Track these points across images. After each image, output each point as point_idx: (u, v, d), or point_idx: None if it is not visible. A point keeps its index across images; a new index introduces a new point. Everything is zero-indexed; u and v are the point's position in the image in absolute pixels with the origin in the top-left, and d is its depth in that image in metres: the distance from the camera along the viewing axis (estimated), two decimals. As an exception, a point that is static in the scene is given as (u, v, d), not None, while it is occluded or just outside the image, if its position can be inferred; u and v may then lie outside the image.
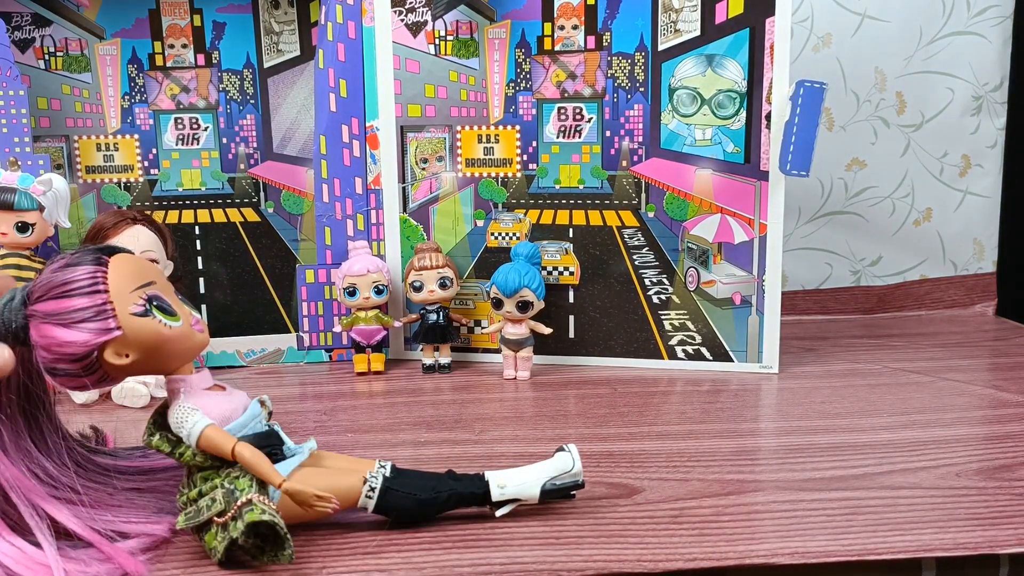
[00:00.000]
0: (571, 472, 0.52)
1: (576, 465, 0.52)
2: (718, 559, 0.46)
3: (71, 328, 0.45)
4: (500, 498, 0.51)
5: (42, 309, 0.45)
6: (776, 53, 0.79)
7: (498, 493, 0.51)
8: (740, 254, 0.83)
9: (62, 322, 0.45)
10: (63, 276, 0.46)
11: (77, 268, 0.46)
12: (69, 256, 0.47)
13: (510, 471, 0.52)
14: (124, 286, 0.46)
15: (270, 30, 0.90)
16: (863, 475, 0.58)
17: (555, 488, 0.51)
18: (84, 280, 0.45)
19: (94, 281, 0.45)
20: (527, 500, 0.51)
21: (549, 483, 0.51)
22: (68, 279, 0.45)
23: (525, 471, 0.52)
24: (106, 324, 0.45)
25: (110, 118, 0.89)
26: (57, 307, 0.45)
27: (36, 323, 0.45)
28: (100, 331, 0.45)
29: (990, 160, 1.13)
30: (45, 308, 0.45)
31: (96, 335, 0.45)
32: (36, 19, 0.86)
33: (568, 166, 0.86)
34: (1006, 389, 0.78)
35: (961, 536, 0.48)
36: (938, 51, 1.09)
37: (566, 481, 0.52)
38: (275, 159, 0.92)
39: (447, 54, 0.87)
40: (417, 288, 0.85)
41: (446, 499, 0.51)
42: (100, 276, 0.46)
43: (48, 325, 0.45)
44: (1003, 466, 0.59)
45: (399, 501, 0.50)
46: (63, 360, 0.45)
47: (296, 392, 0.82)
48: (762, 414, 0.73)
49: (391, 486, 0.50)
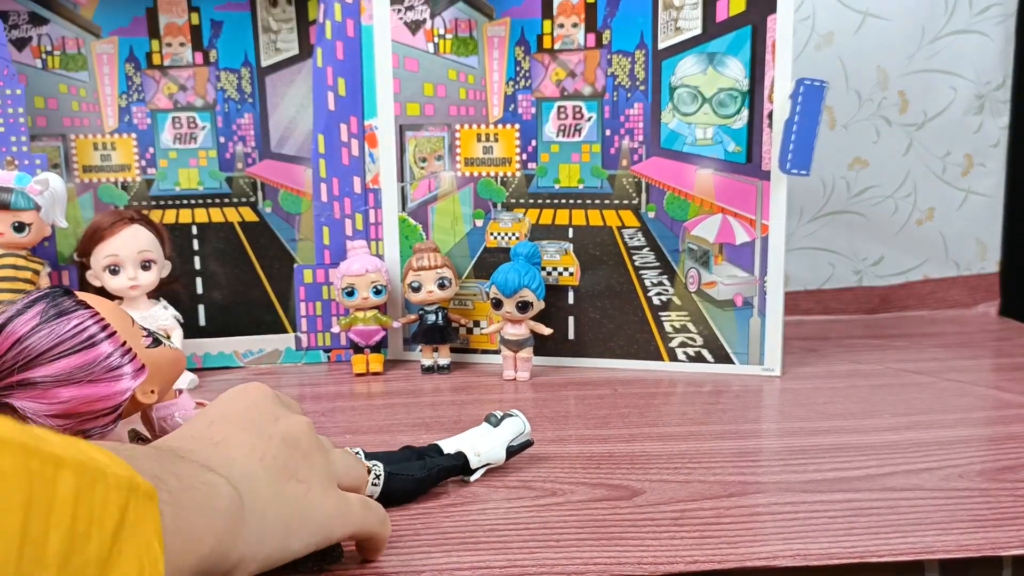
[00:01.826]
0: (524, 433, 0.58)
1: (527, 426, 0.59)
2: (719, 561, 0.46)
3: (104, 380, 0.41)
4: (477, 465, 0.56)
5: (46, 373, 0.40)
6: (778, 51, 0.78)
7: (476, 461, 0.56)
8: (742, 255, 0.83)
9: (90, 377, 0.40)
10: (57, 332, 0.40)
11: (68, 318, 0.41)
12: (31, 313, 0.41)
13: (466, 438, 0.57)
14: (123, 322, 0.44)
15: (268, 28, 0.90)
16: (865, 476, 0.57)
17: (514, 448, 0.58)
18: (93, 327, 0.41)
19: (103, 325, 0.42)
20: (495, 463, 0.57)
21: (509, 445, 0.57)
22: (71, 332, 0.41)
23: (482, 437, 0.57)
24: (136, 364, 0.42)
25: (107, 117, 0.89)
26: (73, 364, 0.40)
27: (37, 392, 0.40)
28: (136, 372, 0.42)
29: (993, 159, 1.12)
30: (51, 371, 0.40)
31: (134, 377, 0.42)
32: (33, 17, 0.86)
33: (568, 165, 0.86)
34: (1009, 390, 0.77)
35: (964, 538, 0.48)
36: (940, 50, 1.09)
37: (521, 440, 0.58)
38: (273, 158, 0.92)
39: (446, 52, 0.86)
40: (415, 288, 0.85)
41: (436, 475, 0.54)
42: (101, 319, 0.42)
43: (66, 387, 0.40)
44: (1006, 467, 0.58)
45: (399, 484, 0.51)
46: (99, 416, 0.41)
47: (294, 393, 0.82)
48: (763, 415, 0.73)
49: (392, 471, 0.51)
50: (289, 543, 0.39)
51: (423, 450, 0.55)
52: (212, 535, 0.34)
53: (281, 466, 0.40)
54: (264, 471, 0.39)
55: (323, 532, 0.41)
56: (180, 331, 0.83)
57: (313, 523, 0.40)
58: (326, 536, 0.41)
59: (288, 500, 0.39)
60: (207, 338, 0.90)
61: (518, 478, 0.58)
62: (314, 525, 0.40)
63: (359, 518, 0.43)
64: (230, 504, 0.35)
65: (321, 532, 0.40)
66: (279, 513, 0.38)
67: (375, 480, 0.50)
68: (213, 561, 0.34)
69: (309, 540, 0.40)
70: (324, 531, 0.41)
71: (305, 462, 0.41)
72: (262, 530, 0.37)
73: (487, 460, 0.56)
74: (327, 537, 0.41)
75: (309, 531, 0.40)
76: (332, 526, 0.41)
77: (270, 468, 0.39)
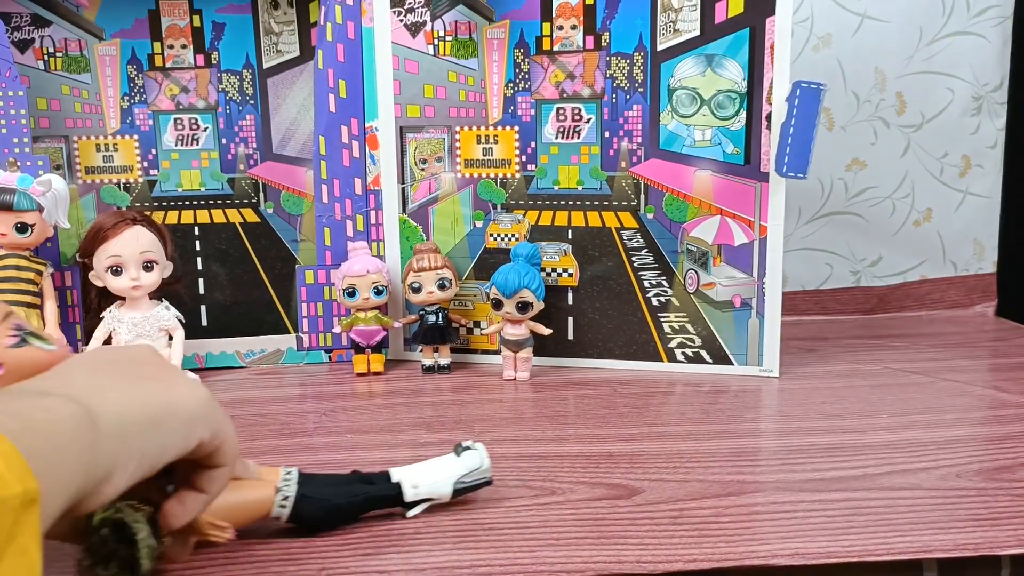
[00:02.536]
0: (480, 470, 0.52)
1: (484, 463, 0.52)
2: (718, 560, 0.46)
3: None
4: (414, 498, 0.51)
5: None
6: (776, 53, 0.79)
7: (412, 493, 0.51)
8: (740, 256, 0.83)
9: None
10: None
11: None
12: None
13: (418, 468, 0.52)
14: None
15: (269, 31, 0.90)
16: (863, 476, 0.58)
17: (465, 487, 0.52)
18: None
19: None
20: (439, 499, 0.52)
21: (459, 482, 0.52)
22: None
23: (434, 469, 0.52)
24: None
25: (109, 119, 0.89)
26: None
27: None
28: None
29: (990, 160, 1.13)
30: None
31: None
32: (35, 19, 0.86)
33: (567, 167, 0.86)
34: (1006, 390, 0.78)
35: (962, 537, 0.48)
36: (938, 51, 1.09)
37: (476, 479, 0.52)
38: (275, 160, 0.92)
39: (446, 54, 0.87)
40: (416, 289, 0.85)
41: (361, 503, 0.51)
42: None
43: None
44: (1004, 467, 0.59)
45: (313, 509, 0.49)
46: None
47: (295, 393, 0.82)
48: (762, 415, 0.73)
49: (305, 493, 0.49)
50: (161, 436, 0.38)
51: (369, 476, 0.52)
52: (72, 463, 0.33)
53: (126, 370, 0.40)
54: (109, 379, 0.38)
55: (190, 427, 0.40)
56: (182, 331, 0.83)
57: (182, 415, 0.39)
58: (191, 432, 0.40)
59: (149, 395, 0.39)
60: (209, 338, 0.90)
61: (518, 478, 0.58)
62: (184, 416, 0.40)
63: (221, 416, 0.42)
64: (76, 425, 0.34)
65: (189, 426, 0.40)
66: (143, 410, 0.38)
67: (282, 502, 0.48)
68: (86, 482, 0.34)
69: (184, 434, 0.39)
70: (191, 426, 0.40)
71: (159, 368, 0.41)
72: (124, 429, 0.36)
73: (428, 494, 0.51)
74: (191, 434, 0.40)
75: (181, 422, 0.39)
76: (197, 421, 0.40)
77: (115, 375, 0.39)
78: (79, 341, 0.85)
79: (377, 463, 0.61)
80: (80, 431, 0.34)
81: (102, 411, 0.35)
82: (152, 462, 0.38)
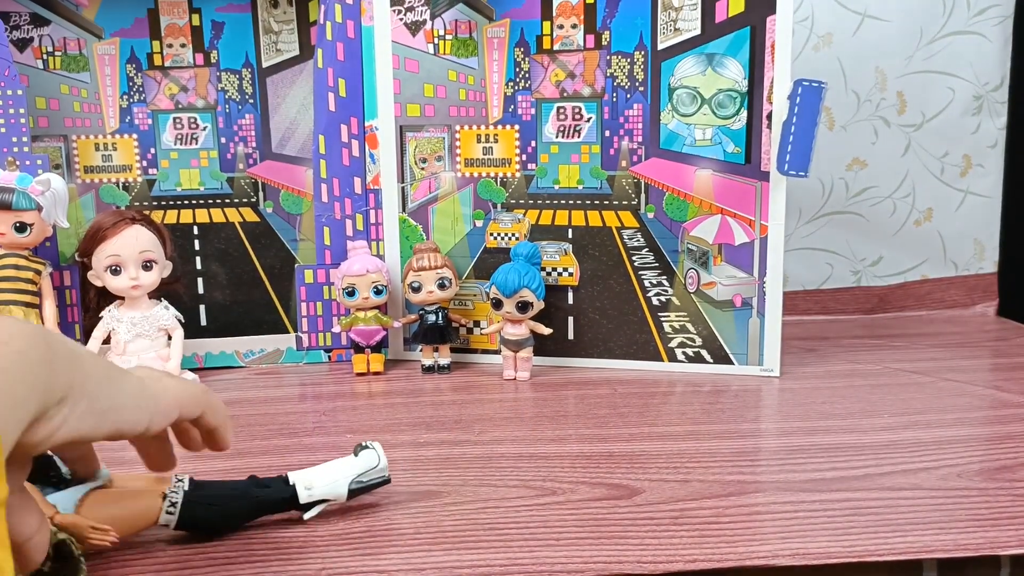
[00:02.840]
0: (377, 468, 0.52)
1: (381, 461, 0.52)
2: (718, 560, 0.46)
3: None
4: (308, 500, 0.51)
5: None
6: (777, 52, 0.79)
7: (306, 495, 0.51)
8: (741, 255, 0.83)
9: None
10: None
11: None
12: None
13: (314, 471, 0.52)
14: None
15: (269, 29, 0.90)
16: (864, 476, 0.57)
17: (362, 486, 0.52)
18: None
19: None
20: (335, 500, 0.51)
21: (355, 481, 0.51)
22: None
23: (329, 470, 0.52)
24: None
25: (108, 118, 0.89)
26: None
27: None
28: None
29: (991, 160, 1.13)
30: None
31: None
32: (34, 18, 0.86)
33: (567, 166, 0.86)
34: (1007, 390, 0.78)
35: (962, 537, 0.48)
36: (939, 51, 1.09)
37: (373, 478, 0.52)
38: (274, 159, 0.92)
39: (446, 53, 0.87)
40: (416, 289, 0.85)
41: (254, 507, 0.50)
42: None
43: None
44: (1004, 467, 0.59)
45: (203, 514, 0.48)
46: None
47: (295, 393, 0.82)
48: (762, 415, 0.73)
49: (192, 499, 0.48)
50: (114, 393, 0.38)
51: (265, 480, 0.51)
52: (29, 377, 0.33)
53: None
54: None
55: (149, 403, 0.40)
56: (181, 331, 0.83)
57: (140, 389, 0.39)
58: (154, 409, 0.40)
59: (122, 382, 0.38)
60: (208, 338, 0.90)
61: (518, 478, 0.58)
62: (142, 391, 0.39)
63: (207, 395, 0.43)
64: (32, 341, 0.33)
65: (148, 401, 0.40)
66: (93, 358, 0.37)
67: (169, 508, 0.48)
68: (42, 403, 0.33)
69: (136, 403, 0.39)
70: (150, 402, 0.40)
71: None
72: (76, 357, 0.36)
73: (323, 495, 0.51)
74: (155, 412, 0.40)
75: (136, 391, 0.39)
76: (184, 398, 0.41)
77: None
78: (78, 340, 0.85)
79: (377, 463, 0.61)
80: (36, 346, 0.33)
81: (53, 338, 0.35)
82: (104, 417, 0.37)
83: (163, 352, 0.82)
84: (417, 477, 0.58)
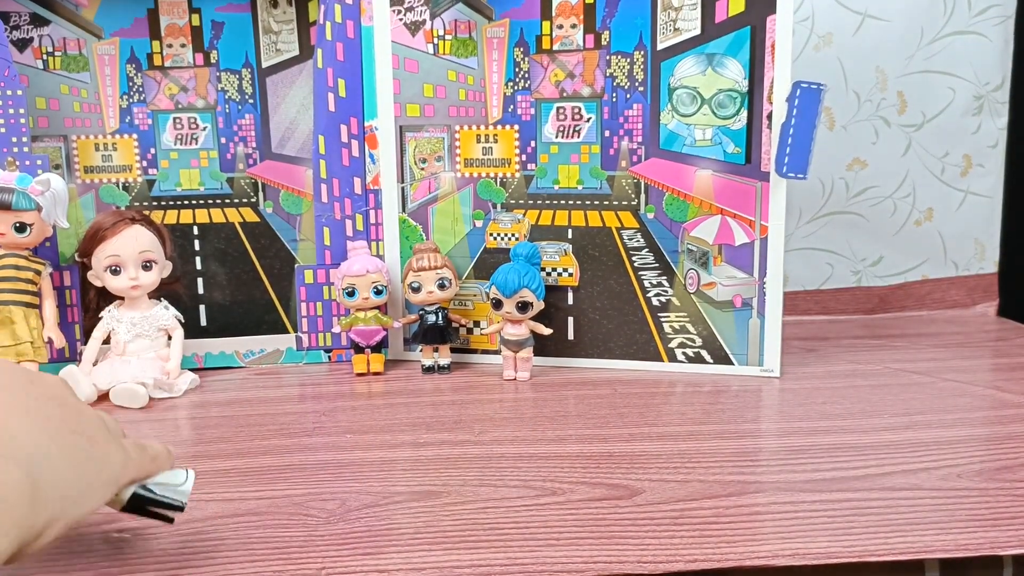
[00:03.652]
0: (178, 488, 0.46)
1: (187, 484, 0.46)
2: (719, 560, 0.46)
3: None
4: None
5: None
6: (777, 52, 0.79)
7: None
8: (741, 256, 0.83)
9: None
10: None
11: None
12: None
13: None
14: None
15: (269, 29, 0.90)
16: (864, 476, 0.57)
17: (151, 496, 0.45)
18: None
19: None
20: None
21: (145, 487, 0.45)
22: None
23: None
24: None
25: (108, 118, 0.89)
26: None
27: None
28: None
29: (991, 160, 1.13)
30: None
31: None
32: (34, 18, 0.86)
33: (567, 166, 0.86)
34: (1008, 390, 0.78)
35: (963, 537, 0.48)
36: (939, 51, 1.09)
37: (166, 495, 0.45)
38: (274, 159, 0.92)
39: (445, 53, 0.87)
40: (415, 289, 0.85)
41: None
42: None
43: None
44: (1005, 467, 0.59)
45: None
46: None
47: (295, 393, 0.82)
48: (762, 415, 0.73)
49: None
50: (89, 498, 0.40)
51: None
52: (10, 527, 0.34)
53: (59, 424, 0.40)
54: (49, 437, 0.38)
55: (114, 483, 0.42)
56: (181, 331, 0.83)
57: (109, 473, 0.41)
58: (115, 485, 0.42)
59: (85, 459, 0.40)
60: (208, 338, 0.90)
61: (518, 478, 0.58)
62: (110, 475, 0.42)
63: (139, 463, 0.44)
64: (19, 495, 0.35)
65: (112, 483, 0.42)
66: (78, 476, 0.39)
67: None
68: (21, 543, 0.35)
69: (105, 493, 0.41)
70: (114, 482, 0.42)
71: (77, 415, 0.42)
72: (61, 495, 0.38)
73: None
74: (116, 485, 0.42)
75: (103, 483, 0.41)
76: (121, 475, 0.43)
77: (52, 430, 0.39)
78: (78, 341, 0.85)
79: (376, 463, 0.61)
80: (22, 499, 0.35)
81: (43, 481, 0.36)
82: (77, 520, 0.39)
83: (163, 352, 0.82)
84: (417, 477, 0.58)
